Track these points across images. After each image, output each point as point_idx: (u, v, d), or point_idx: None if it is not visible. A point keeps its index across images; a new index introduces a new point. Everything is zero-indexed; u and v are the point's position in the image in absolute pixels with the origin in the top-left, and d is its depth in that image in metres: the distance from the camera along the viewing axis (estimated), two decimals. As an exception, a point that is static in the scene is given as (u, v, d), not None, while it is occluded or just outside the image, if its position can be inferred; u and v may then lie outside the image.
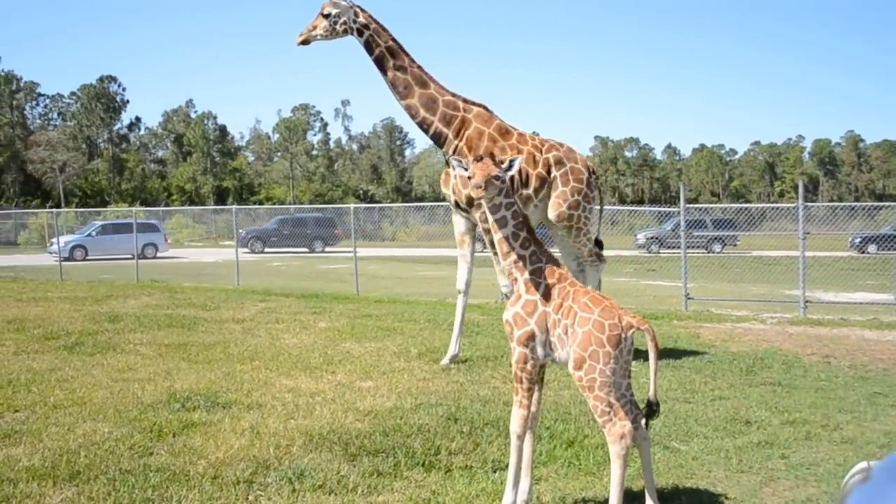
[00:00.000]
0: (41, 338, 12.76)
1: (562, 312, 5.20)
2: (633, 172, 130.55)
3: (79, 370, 10.19)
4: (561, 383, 9.30)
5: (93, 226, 42.57)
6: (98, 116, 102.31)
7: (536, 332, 5.27)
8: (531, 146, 10.66)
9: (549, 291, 5.29)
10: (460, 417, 7.77)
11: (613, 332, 5.03)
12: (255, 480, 6.07)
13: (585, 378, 5.04)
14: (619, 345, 5.04)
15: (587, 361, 5.02)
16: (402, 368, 10.39)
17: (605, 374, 5.00)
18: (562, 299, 5.23)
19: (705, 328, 14.01)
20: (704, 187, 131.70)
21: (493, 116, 10.52)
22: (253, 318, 15.15)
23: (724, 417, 7.97)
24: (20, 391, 8.98)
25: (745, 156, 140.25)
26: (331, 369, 10.11)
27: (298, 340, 12.51)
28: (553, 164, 10.80)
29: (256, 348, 11.77)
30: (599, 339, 5.01)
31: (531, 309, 5.30)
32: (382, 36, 10.15)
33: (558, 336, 5.23)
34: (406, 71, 10.19)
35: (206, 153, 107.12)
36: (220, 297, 19.22)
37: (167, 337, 12.89)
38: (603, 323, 5.03)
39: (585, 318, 5.08)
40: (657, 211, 40.95)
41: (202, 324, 14.37)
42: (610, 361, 5.01)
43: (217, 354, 11.28)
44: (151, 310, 16.41)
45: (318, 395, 8.81)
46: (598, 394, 5.01)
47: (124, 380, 9.57)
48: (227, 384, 9.30)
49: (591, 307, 5.11)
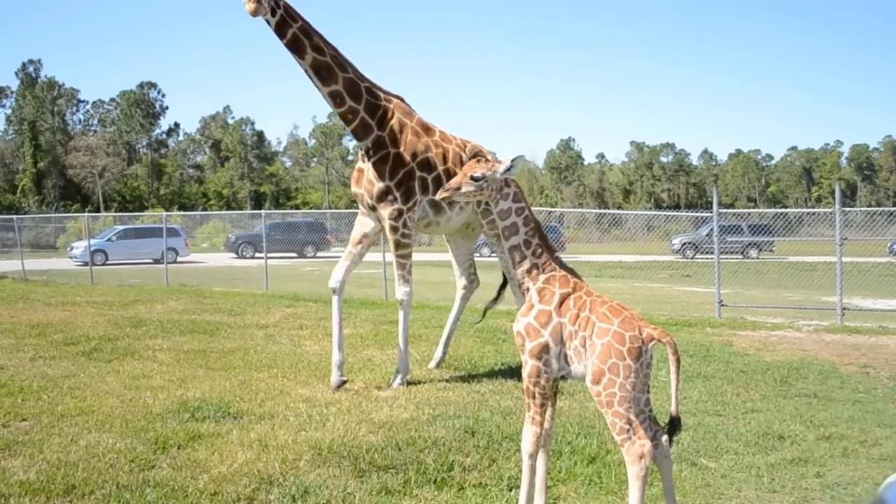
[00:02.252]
0: (61, 343, 12.58)
1: (579, 324, 4.95)
2: (668, 178, 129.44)
3: (93, 377, 9.97)
4: (586, 394, 8.91)
5: (113, 230, 42.63)
6: (137, 122, 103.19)
7: (551, 343, 5.02)
8: (455, 145, 10.07)
9: (565, 301, 5.05)
10: (478, 430, 7.42)
11: (634, 345, 4.77)
12: (257, 498, 5.76)
13: (605, 393, 4.76)
14: (639, 357, 4.78)
15: (606, 375, 4.75)
16: (422, 377, 10.08)
17: (626, 388, 4.73)
18: (578, 309, 4.98)
19: (739, 336, 13.56)
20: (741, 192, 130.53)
21: (412, 110, 9.89)
22: (277, 324, 14.90)
23: (756, 432, 7.55)
24: (30, 399, 8.75)
25: (781, 161, 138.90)
26: (349, 377, 9.78)
27: (320, 347, 12.22)
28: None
29: (276, 355, 11.51)
30: (620, 352, 4.75)
31: (545, 319, 5.05)
32: (294, 15, 8.88)
33: (575, 349, 4.97)
34: (324, 53, 9.04)
35: (244, 158, 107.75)
36: (247, 302, 19.02)
37: (187, 343, 12.67)
38: (623, 334, 4.77)
39: (605, 329, 4.82)
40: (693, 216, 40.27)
41: (225, 329, 14.14)
42: (630, 375, 4.74)
43: (235, 361, 11.02)
44: (176, 315, 16.22)
45: (334, 404, 8.50)
46: (617, 409, 4.73)
47: (137, 387, 9.33)
48: (242, 393, 9.02)
49: (610, 318, 4.85)
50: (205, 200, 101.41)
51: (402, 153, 9.45)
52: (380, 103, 9.46)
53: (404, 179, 9.44)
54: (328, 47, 9.11)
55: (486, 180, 5.12)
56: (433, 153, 9.71)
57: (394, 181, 9.39)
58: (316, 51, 8.97)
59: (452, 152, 9.93)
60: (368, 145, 9.40)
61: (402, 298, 9.80)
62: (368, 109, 9.34)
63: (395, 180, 9.39)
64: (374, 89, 9.48)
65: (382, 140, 9.42)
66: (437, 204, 9.66)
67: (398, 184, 9.40)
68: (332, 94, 9.18)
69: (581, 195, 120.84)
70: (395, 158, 9.41)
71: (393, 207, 9.42)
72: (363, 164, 9.58)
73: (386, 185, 9.38)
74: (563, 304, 5.05)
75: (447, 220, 10.04)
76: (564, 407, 8.39)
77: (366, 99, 9.33)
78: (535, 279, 5.21)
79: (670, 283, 26.86)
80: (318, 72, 9.05)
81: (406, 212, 9.49)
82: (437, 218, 9.91)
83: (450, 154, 9.90)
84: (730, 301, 17.15)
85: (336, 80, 9.12)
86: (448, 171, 9.71)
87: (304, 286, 23.55)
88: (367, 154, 9.45)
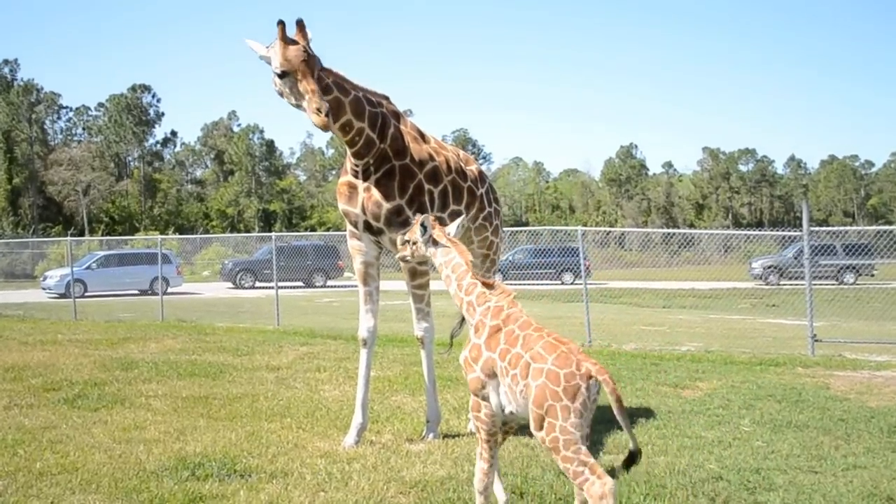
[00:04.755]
0: (40, 389, 12.68)
1: (509, 360, 5.45)
2: (749, 190, 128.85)
3: (77, 429, 10.02)
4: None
5: (93, 256, 42.77)
6: (128, 131, 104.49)
7: (483, 378, 5.64)
8: (452, 153, 10.04)
9: (494, 335, 5.66)
10: (527, 491, 7.35)
11: (570, 383, 5.12)
12: (268, 571, 5.74)
13: (548, 438, 5.13)
14: (577, 396, 5.12)
15: (546, 420, 5.14)
16: (461, 427, 10.04)
17: (568, 430, 5.08)
18: (509, 345, 5.50)
19: (837, 377, 13.40)
20: (836, 206, 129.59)
21: (401, 113, 9.69)
22: (290, 366, 14.95)
23: (859, 492, 7.42)
24: (3, 454, 8.80)
25: (884, 169, 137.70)
26: (375, 428, 9.77)
27: (341, 393, 12.23)
28: (478, 179, 10.33)
29: (290, 402, 11.53)
30: (555, 393, 5.12)
31: (476, 354, 5.73)
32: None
33: (508, 386, 5.48)
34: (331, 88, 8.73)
35: (251, 172, 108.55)
36: (255, 339, 19.11)
37: (186, 388, 12.73)
38: (558, 373, 5.15)
39: (538, 370, 5.22)
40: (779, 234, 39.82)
41: (230, 372, 14.20)
42: (571, 416, 5.09)
43: (242, 410, 11.05)
44: (173, 355, 16.32)
45: (357, 460, 8.48)
46: (565, 454, 5.08)
47: (128, 441, 9.37)
48: (250, 447, 9.02)
49: (544, 356, 5.26)
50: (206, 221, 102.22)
51: (409, 164, 9.29)
52: (376, 111, 9.20)
53: (415, 195, 9.26)
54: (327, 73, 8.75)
55: (415, 243, 6.43)
56: (438, 161, 9.61)
57: (405, 198, 9.18)
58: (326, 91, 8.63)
59: (453, 161, 9.90)
60: (370, 161, 9.19)
61: (421, 335, 9.78)
62: (370, 123, 9.09)
63: (407, 197, 9.20)
64: (368, 96, 9.19)
65: (385, 153, 9.22)
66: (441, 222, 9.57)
67: (410, 201, 9.21)
68: (342, 126, 8.93)
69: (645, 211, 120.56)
70: (403, 171, 9.23)
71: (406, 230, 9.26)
72: (356, 180, 9.34)
73: (396, 205, 9.17)
74: (491, 338, 5.65)
75: None
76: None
77: (367, 112, 9.06)
78: (473, 315, 5.92)
79: (753, 315, 26.65)
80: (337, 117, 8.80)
81: None
82: None
83: (451, 163, 9.85)
84: (825, 335, 16.97)
85: (345, 110, 8.86)
86: (454, 182, 9.70)
87: (320, 321, 23.65)
88: (366, 171, 9.23)
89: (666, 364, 14.78)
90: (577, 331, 19.17)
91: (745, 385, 12.56)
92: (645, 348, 17.32)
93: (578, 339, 17.94)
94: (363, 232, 9.51)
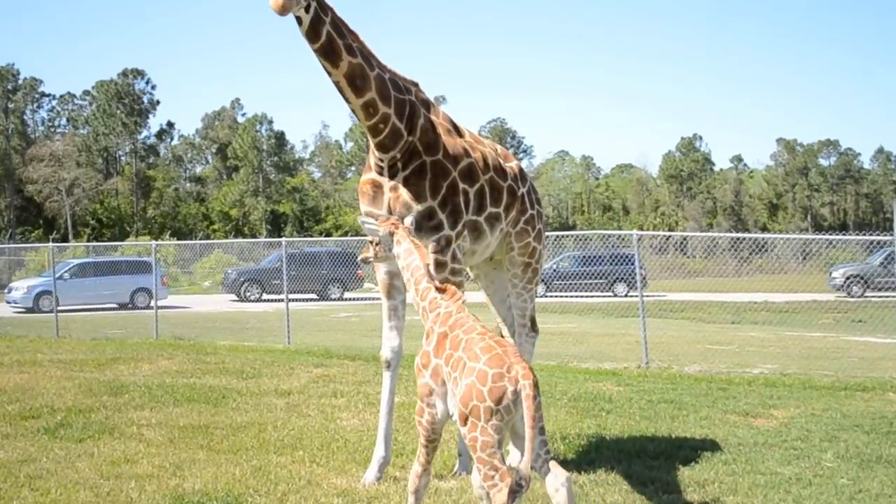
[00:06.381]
0: (17, 416, 12.76)
1: (452, 364, 6.10)
2: (830, 187, 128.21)
3: (59, 462, 10.07)
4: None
5: (66, 265, 42.35)
6: (119, 122, 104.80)
7: (432, 385, 6.35)
8: (490, 148, 10.03)
9: (442, 341, 6.32)
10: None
11: (497, 384, 5.66)
12: None
13: (468, 437, 5.74)
14: (502, 399, 5.65)
15: (469, 418, 5.74)
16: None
17: (488, 432, 5.65)
18: (453, 349, 6.14)
19: (934, 405, 13.29)
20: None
21: (432, 102, 9.62)
22: (302, 390, 14.98)
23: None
24: (-24, 492, 8.86)
25: None
26: (399, 462, 9.77)
27: (360, 422, 12.24)
28: (519, 178, 10.30)
29: (302, 432, 11.55)
30: (480, 393, 5.70)
31: (426, 361, 6.44)
32: (325, 6, 8.28)
33: (451, 391, 6.13)
34: (355, 52, 8.52)
35: (258, 168, 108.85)
36: (263, 360, 19.17)
37: (184, 416, 12.78)
38: (486, 373, 5.72)
39: (471, 369, 5.83)
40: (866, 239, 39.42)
41: (233, 398, 14.24)
42: (492, 418, 5.64)
43: (247, 441, 11.08)
44: (169, 378, 16.39)
45: (379, 499, 8.51)
46: (480, 455, 5.66)
47: (117, 476, 9.40)
48: (256, 483, 9.05)
49: (479, 356, 5.85)
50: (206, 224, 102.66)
51: (442, 160, 9.18)
52: (404, 97, 9.08)
53: (449, 196, 9.15)
54: (354, 38, 8.63)
55: (379, 244, 7.21)
56: (475, 157, 9.52)
57: (437, 200, 9.07)
58: (349, 52, 8.48)
59: (491, 157, 9.85)
60: (397, 156, 9.08)
61: None
62: (398, 110, 8.95)
63: (439, 199, 9.08)
64: (396, 79, 9.10)
65: (414, 147, 9.11)
66: (476, 226, 9.53)
67: (442, 203, 9.10)
68: (366, 104, 8.77)
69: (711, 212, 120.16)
70: (435, 168, 9.11)
71: (439, 236, 9.13)
72: (381, 178, 9.23)
73: (428, 207, 9.06)
74: (439, 345, 6.32)
75: (485, 247, 9.94)
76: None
77: (394, 97, 8.92)
78: (426, 320, 6.63)
79: (836, 332, 26.48)
80: (353, 80, 8.61)
81: (455, 238, 9.24)
82: (475, 245, 9.74)
83: (489, 159, 9.80)
84: (921, 356, 16.84)
85: (370, 85, 8.69)
86: (491, 181, 9.66)
87: (337, 338, 23.69)
88: (392, 168, 9.13)
89: (735, 389, 14.71)
90: (633, 350, 19.16)
91: (828, 413, 12.48)
92: (711, 370, 17.25)
93: (633, 359, 17.93)
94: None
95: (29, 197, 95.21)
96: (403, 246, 7.08)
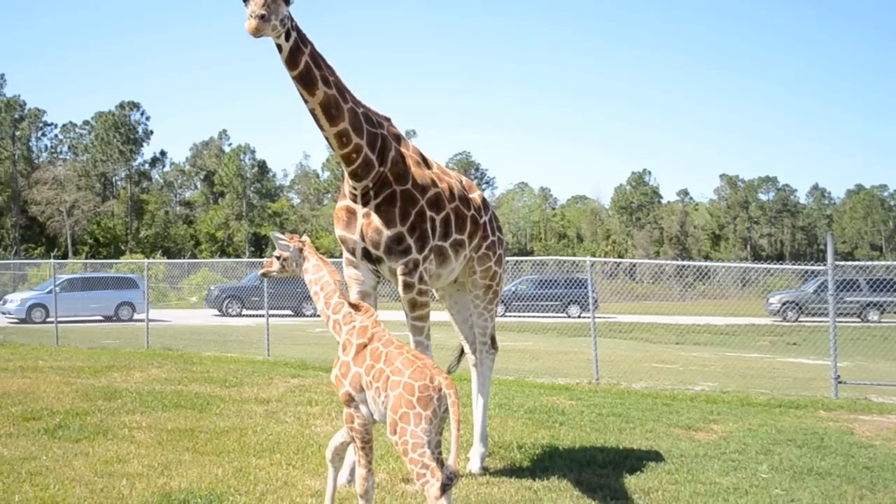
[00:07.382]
0: (19, 418, 12.70)
1: (373, 375, 6.40)
2: (769, 220, 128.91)
3: (57, 460, 10.04)
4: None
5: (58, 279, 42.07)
6: (116, 149, 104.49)
7: (353, 393, 6.61)
8: (455, 179, 10.09)
9: (361, 352, 6.60)
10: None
11: (424, 393, 6.05)
12: None
13: (400, 441, 6.04)
14: (430, 405, 6.05)
15: (399, 424, 6.04)
16: (461, 467, 10.01)
17: (418, 434, 5.98)
18: (374, 361, 6.45)
19: (861, 422, 13.42)
20: (862, 238, 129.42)
21: (402, 136, 9.64)
22: (281, 398, 14.95)
23: (882, 544, 7.44)
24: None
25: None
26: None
27: (333, 428, 12.21)
28: (482, 207, 10.38)
29: (280, 437, 11.54)
30: (410, 401, 6.05)
31: (345, 370, 6.69)
32: (304, 38, 8.30)
33: (372, 398, 6.44)
34: (330, 83, 8.53)
35: (242, 194, 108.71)
36: (244, 370, 19.13)
37: (172, 420, 12.75)
38: (413, 384, 6.08)
39: (396, 382, 6.16)
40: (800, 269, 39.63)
41: (217, 404, 14.20)
42: (422, 422, 6.00)
43: (229, 444, 11.06)
44: (158, 385, 16.34)
45: (350, 500, 8.49)
46: (412, 456, 5.94)
47: (109, 474, 9.38)
48: (237, 483, 9.05)
49: (402, 370, 6.19)
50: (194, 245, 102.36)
51: (411, 190, 9.21)
52: (376, 131, 9.10)
53: (417, 222, 9.18)
54: (331, 72, 8.62)
55: (287, 259, 7.34)
56: (441, 188, 9.59)
57: (406, 226, 9.09)
58: (325, 83, 8.49)
59: (456, 188, 9.93)
60: (369, 185, 9.08)
61: None
62: (370, 142, 8.97)
63: (408, 225, 9.11)
64: (369, 114, 9.13)
65: (386, 177, 9.12)
66: (442, 251, 9.59)
67: (411, 228, 9.12)
68: (339, 134, 8.77)
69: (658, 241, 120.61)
70: (404, 197, 9.14)
71: (407, 259, 9.15)
72: (355, 205, 9.24)
73: (397, 233, 9.08)
74: (358, 355, 6.60)
75: (450, 271, 9.98)
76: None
77: (366, 130, 8.95)
78: (339, 332, 6.89)
79: (772, 353, 26.65)
80: (328, 109, 8.60)
81: (422, 262, 9.26)
82: (441, 269, 9.77)
83: (455, 190, 9.87)
84: (849, 377, 16.98)
85: (343, 115, 8.71)
86: (456, 210, 9.72)
87: (312, 352, 23.64)
88: (365, 196, 9.12)
89: (678, 405, 14.78)
90: (584, 367, 19.23)
91: (763, 428, 12.57)
92: (656, 387, 17.33)
93: (585, 375, 17.99)
94: (361, 260, 9.41)
95: (33, 217, 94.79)
96: (311, 262, 7.30)
